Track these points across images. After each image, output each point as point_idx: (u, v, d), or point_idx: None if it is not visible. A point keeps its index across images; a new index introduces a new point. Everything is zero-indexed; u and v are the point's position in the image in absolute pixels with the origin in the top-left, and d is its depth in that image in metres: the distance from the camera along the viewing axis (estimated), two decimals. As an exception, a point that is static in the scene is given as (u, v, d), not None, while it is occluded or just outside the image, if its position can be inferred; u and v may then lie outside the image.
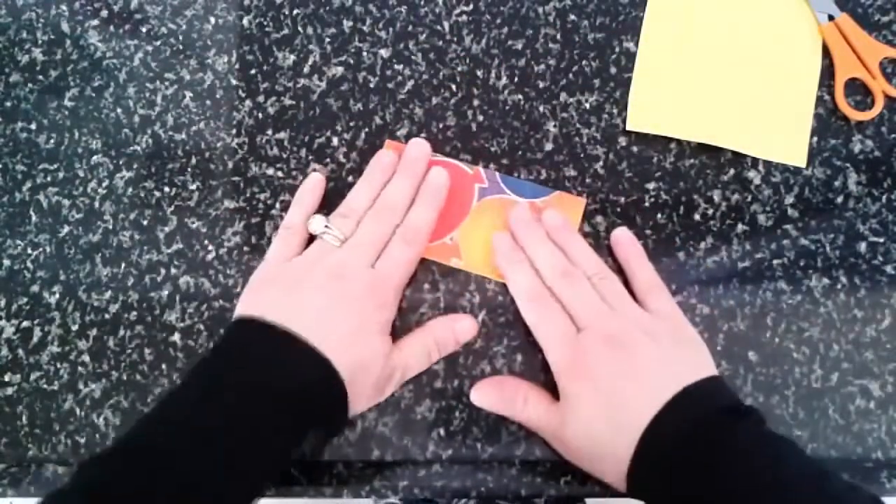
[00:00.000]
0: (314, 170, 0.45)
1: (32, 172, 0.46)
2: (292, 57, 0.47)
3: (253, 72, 0.47)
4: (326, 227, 0.40)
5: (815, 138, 0.45)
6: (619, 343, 0.37)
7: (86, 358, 0.43)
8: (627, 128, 0.45)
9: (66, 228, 0.45)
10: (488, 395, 0.40)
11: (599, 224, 0.44)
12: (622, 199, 0.44)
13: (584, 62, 0.46)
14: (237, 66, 0.47)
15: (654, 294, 0.40)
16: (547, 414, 0.39)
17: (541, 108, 0.46)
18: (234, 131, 0.46)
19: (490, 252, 0.42)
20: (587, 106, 0.46)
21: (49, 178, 0.46)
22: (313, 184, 0.44)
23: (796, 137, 0.45)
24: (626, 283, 0.41)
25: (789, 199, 0.44)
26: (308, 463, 0.41)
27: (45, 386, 0.43)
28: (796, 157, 0.44)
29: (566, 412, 0.37)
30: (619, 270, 0.42)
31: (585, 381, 0.37)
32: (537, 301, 0.40)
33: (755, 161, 0.45)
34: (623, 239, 0.43)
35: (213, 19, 0.48)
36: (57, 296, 0.44)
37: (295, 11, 0.48)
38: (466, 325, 0.42)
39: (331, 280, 0.38)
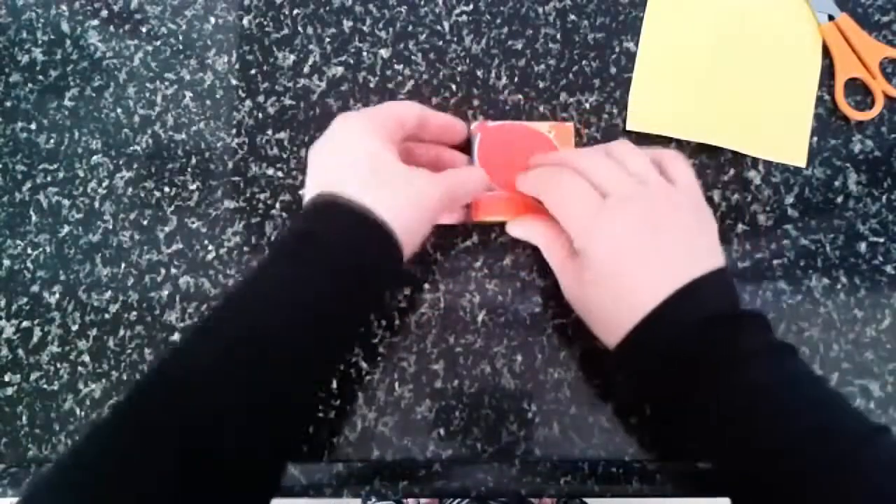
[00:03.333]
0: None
1: (32, 172, 0.46)
2: (292, 57, 0.47)
3: (253, 72, 0.47)
4: None
5: (815, 138, 0.45)
6: (642, 216, 0.36)
7: (86, 358, 0.43)
8: (627, 128, 0.45)
9: (66, 228, 0.45)
10: (525, 227, 0.41)
11: (599, 224, 0.44)
12: (622, 199, 0.44)
13: (584, 62, 0.46)
14: (237, 66, 0.47)
15: (673, 162, 0.39)
16: (563, 265, 0.39)
17: (541, 108, 0.46)
18: (234, 131, 0.46)
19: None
20: (587, 106, 0.46)
21: (49, 178, 0.46)
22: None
23: (796, 137, 0.45)
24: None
25: (789, 199, 0.44)
26: (308, 463, 0.41)
27: (45, 386, 0.43)
28: (796, 157, 0.44)
29: (580, 272, 0.37)
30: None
31: (603, 248, 0.36)
32: (557, 173, 0.39)
33: (755, 161, 0.45)
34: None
35: (213, 19, 0.48)
36: (57, 296, 0.44)
37: (295, 11, 0.48)
38: (476, 173, 0.41)
39: (334, 126, 0.38)
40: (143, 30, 0.48)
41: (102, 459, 0.30)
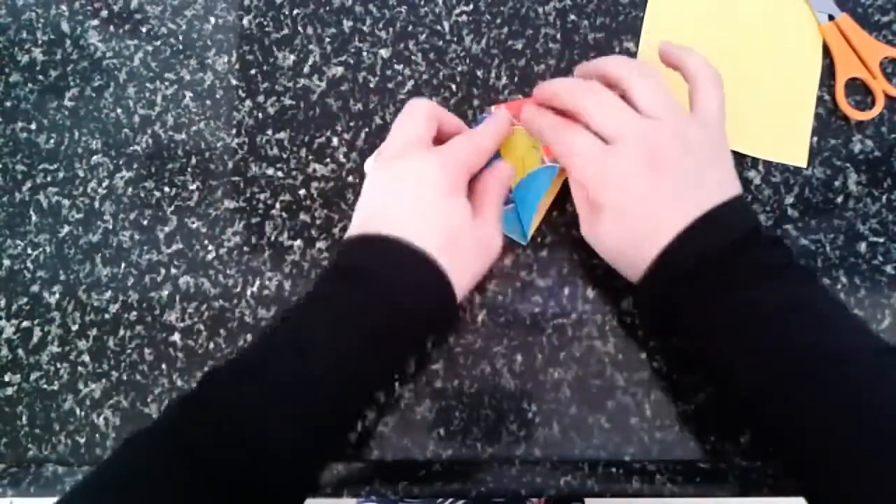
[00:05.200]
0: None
1: (32, 172, 0.46)
2: (292, 57, 0.47)
3: (253, 72, 0.47)
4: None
5: (815, 138, 0.45)
6: (651, 156, 0.36)
7: (86, 358, 0.43)
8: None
9: (66, 228, 0.45)
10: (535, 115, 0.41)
11: (599, 224, 0.44)
12: (622, 199, 0.44)
13: (583, 62, 0.46)
14: (237, 66, 0.47)
15: (703, 86, 0.38)
16: (586, 207, 0.39)
17: (541, 108, 0.46)
18: (234, 131, 0.46)
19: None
20: (587, 106, 0.46)
21: (49, 178, 0.46)
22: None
23: (797, 137, 0.45)
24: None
25: (789, 199, 0.44)
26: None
27: (45, 386, 0.43)
28: (797, 157, 0.44)
29: (596, 215, 0.38)
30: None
31: (614, 192, 0.36)
32: (560, 129, 0.39)
33: (755, 161, 0.44)
34: (665, 48, 0.41)
35: (213, 19, 0.48)
36: (57, 296, 0.44)
37: (295, 11, 0.48)
38: (503, 168, 0.41)
39: (393, 163, 0.38)
40: (143, 30, 0.48)
41: (138, 480, 0.31)
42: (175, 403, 0.34)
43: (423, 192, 0.37)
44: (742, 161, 0.45)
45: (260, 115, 0.46)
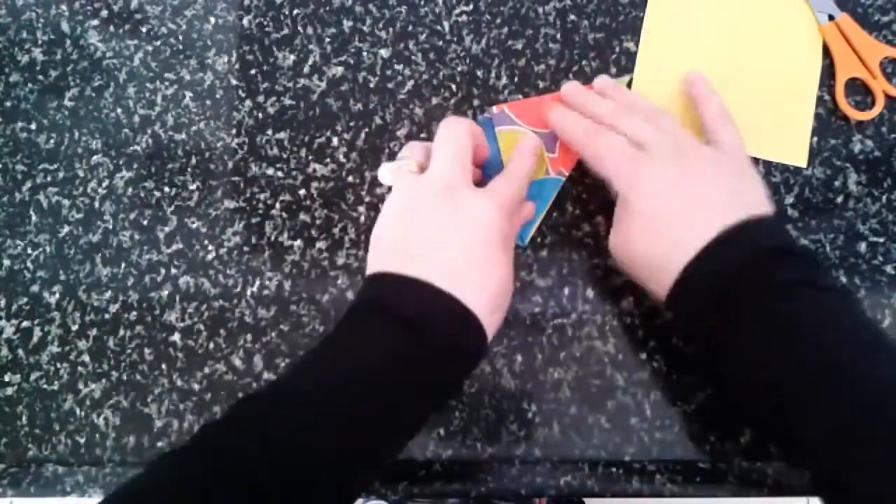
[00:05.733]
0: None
1: (32, 172, 0.46)
2: (292, 57, 0.47)
3: (253, 72, 0.47)
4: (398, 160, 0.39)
5: (815, 138, 0.45)
6: (683, 165, 0.36)
7: (86, 358, 0.43)
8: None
9: (66, 228, 0.45)
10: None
11: (600, 224, 0.44)
12: (622, 199, 0.44)
13: (584, 62, 0.46)
14: (237, 66, 0.47)
15: (720, 124, 0.39)
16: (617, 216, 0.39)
17: (541, 108, 0.46)
18: (234, 131, 0.46)
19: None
20: (587, 106, 0.46)
21: (49, 178, 0.46)
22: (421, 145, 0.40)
23: (797, 137, 0.45)
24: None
25: (789, 199, 0.44)
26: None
27: (45, 386, 0.43)
28: (797, 157, 0.44)
29: (624, 221, 0.37)
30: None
31: (646, 194, 0.36)
32: (594, 132, 0.39)
33: (755, 161, 0.44)
34: (693, 77, 0.43)
35: (213, 19, 0.48)
36: (57, 296, 0.44)
37: (295, 11, 0.48)
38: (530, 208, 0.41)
39: (440, 203, 0.36)
40: (143, 30, 0.48)
41: (173, 495, 0.30)
42: (205, 427, 0.33)
43: (476, 241, 0.35)
44: (742, 161, 0.45)
45: (260, 115, 0.46)
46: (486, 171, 0.42)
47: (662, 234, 0.36)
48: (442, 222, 0.35)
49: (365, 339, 0.34)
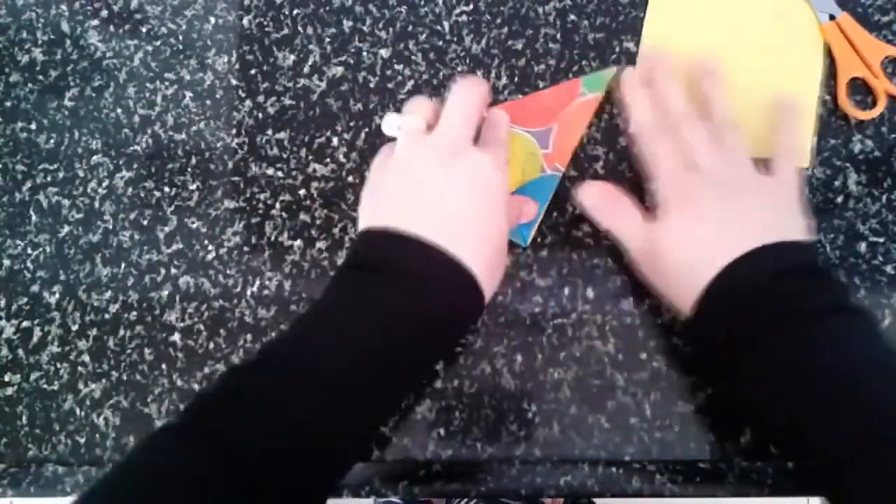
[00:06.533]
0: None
1: (32, 172, 0.46)
2: (292, 57, 0.47)
3: (253, 72, 0.47)
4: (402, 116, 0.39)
5: (815, 138, 0.45)
6: (729, 187, 0.37)
7: (86, 358, 0.43)
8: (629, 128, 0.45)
9: (66, 228, 0.45)
10: (592, 196, 0.41)
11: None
12: (622, 199, 0.44)
13: (584, 62, 0.46)
14: (237, 66, 0.47)
15: (783, 159, 0.40)
16: (638, 230, 0.39)
17: (541, 108, 0.46)
18: (234, 131, 0.46)
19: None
20: (587, 106, 0.45)
21: (49, 178, 0.46)
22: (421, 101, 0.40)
23: (799, 137, 0.44)
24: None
25: (790, 199, 0.44)
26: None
27: (45, 386, 0.43)
28: (799, 157, 0.44)
29: (659, 235, 0.37)
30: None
31: (688, 212, 0.37)
32: (658, 133, 0.39)
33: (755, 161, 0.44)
34: (787, 102, 0.43)
35: (213, 19, 0.48)
36: (57, 296, 0.44)
37: (295, 11, 0.48)
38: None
39: (443, 163, 0.36)
40: (143, 30, 0.48)
41: (160, 472, 0.30)
42: (199, 400, 0.33)
43: (479, 202, 0.36)
44: (742, 161, 0.44)
45: (260, 115, 0.46)
46: None
47: (692, 248, 0.36)
48: (445, 182, 0.36)
49: (363, 302, 0.34)
